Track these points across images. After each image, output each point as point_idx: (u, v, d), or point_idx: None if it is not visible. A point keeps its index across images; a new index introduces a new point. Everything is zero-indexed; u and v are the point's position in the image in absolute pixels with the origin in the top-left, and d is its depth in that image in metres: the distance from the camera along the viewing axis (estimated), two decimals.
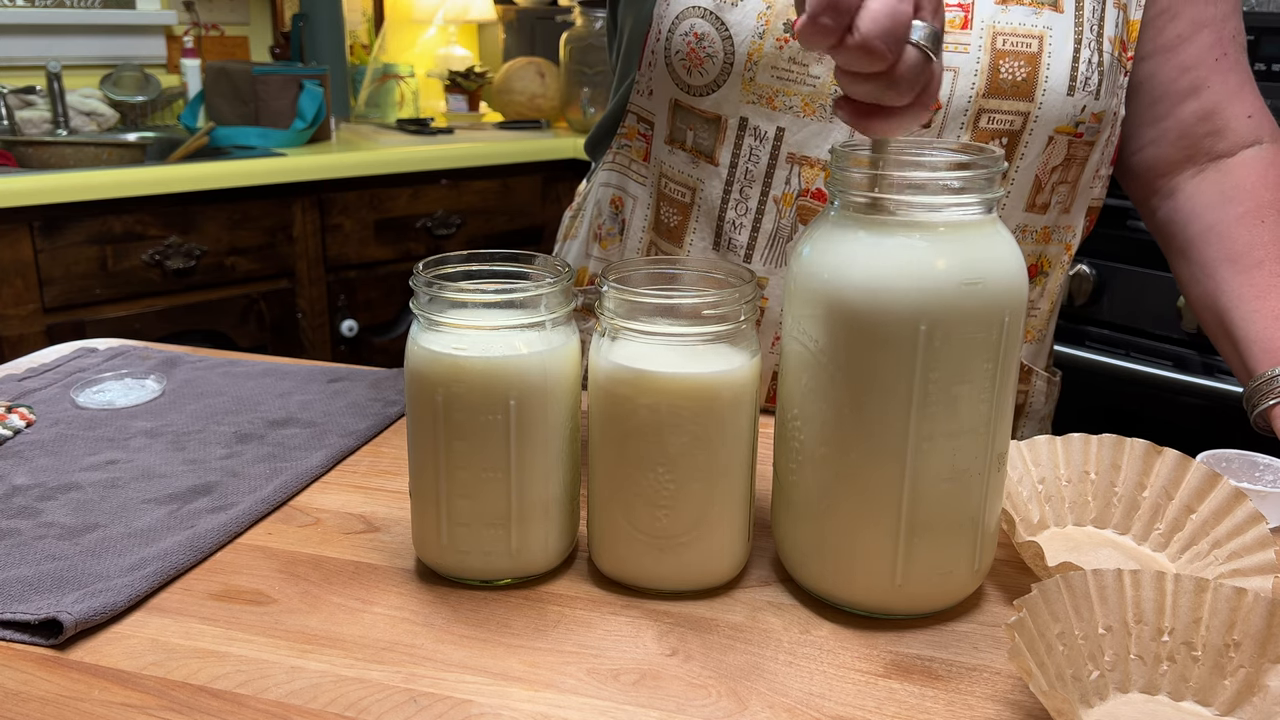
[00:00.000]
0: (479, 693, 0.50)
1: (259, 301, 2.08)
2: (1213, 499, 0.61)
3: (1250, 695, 0.49)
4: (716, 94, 0.82)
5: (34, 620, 0.53)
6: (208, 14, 2.56)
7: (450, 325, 0.56)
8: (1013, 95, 0.78)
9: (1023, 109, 0.79)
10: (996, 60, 0.77)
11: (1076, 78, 0.79)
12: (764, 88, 0.80)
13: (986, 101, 0.78)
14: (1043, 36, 0.78)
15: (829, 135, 0.80)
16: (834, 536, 0.55)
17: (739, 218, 0.84)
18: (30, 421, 0.79)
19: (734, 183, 0.84)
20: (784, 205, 0.82)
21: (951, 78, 0.78)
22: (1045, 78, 0.78)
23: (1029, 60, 0.78)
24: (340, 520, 0.67)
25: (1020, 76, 0.78)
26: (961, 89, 0.78)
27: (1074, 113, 0.80)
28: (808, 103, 0.79)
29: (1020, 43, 0.78)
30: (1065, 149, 0.81)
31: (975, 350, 0.51)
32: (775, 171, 0.81)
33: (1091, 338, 1.52)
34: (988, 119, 0.79)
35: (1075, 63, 0.79)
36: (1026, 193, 0.81)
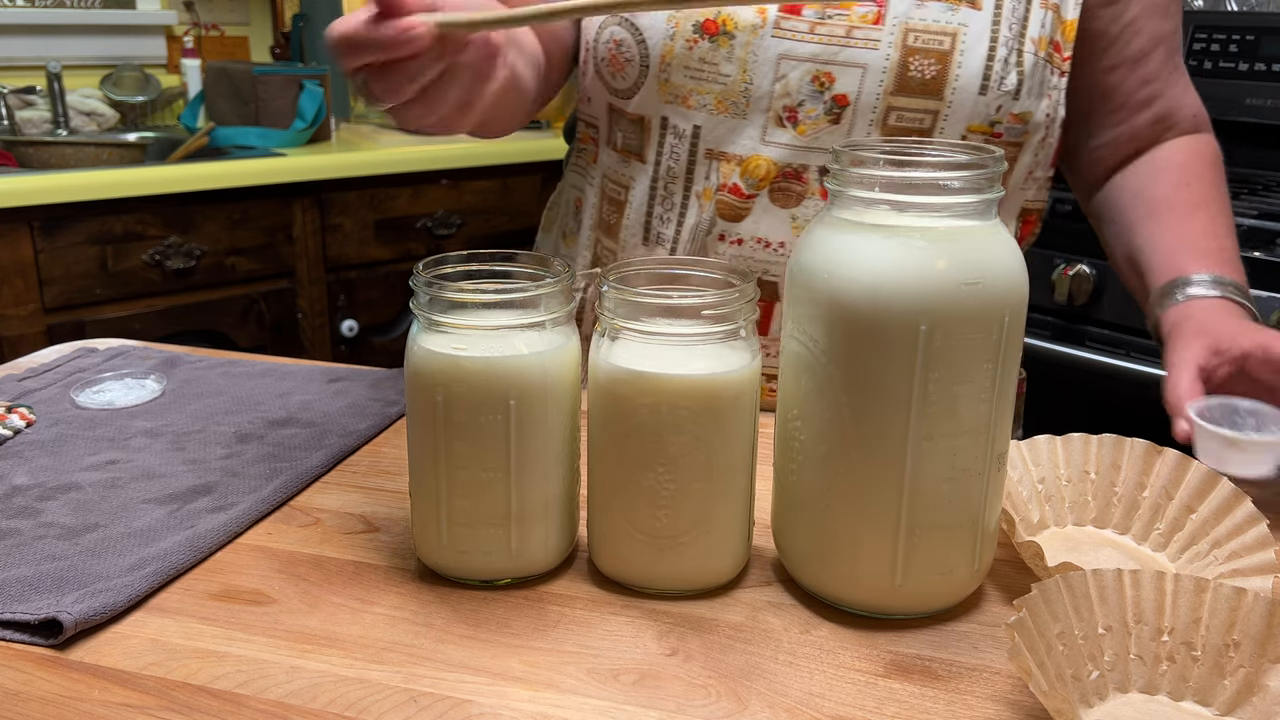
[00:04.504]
0: (479, 693, 0.50)
1: (259, 301, 2.08)
2: (1213, 499, 0.61)
3: (1250, 695, 0.49)
4: (638, 96, 0.85)
5: (34, 620, 0.53)
6: (208, 14, 2.55)
7: (450, 325, 0.56)
8: (921, 93, 0.79)
9: (932, 107, 0.79)
10: (906, 58, 0.78)
11: (990, 77, 0.79)
12: (679, 87, 0.82)
13: (895, 99, 0.79)
14: (956, 34, 0.78)
15: (743, 131, 0.81)
16: (834, 536, 0.55)
17: (665, 213, 0.87)
18: (30, 421, 0.79)
19: (658, 180, 0.86)
20: (704, 200, 0.84)
21: (860, 75, 0.78)
22: (956, 76, 0.78)
23: (939, 58, 0.78)
24: (340, 520, 0.67)
25: (929, 74, 0.78)
26: (870, 86, 0.79)
27: (988, 112, 0.80)
28: (720, 100, 0.81)
29: (932, 40, 0.78)
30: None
31: (975, 350, 0.51)
32: (695, 168, 0.84)
33: (1091, 338, 1.52)
34: (897, 117, 0.79)
35: (989, 62, 0.79)
36: None
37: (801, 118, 0.79)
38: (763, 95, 0.80)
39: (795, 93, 0.79)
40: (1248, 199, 1.61)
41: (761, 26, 0.79)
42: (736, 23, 0.79)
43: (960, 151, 0.56)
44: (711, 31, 0.79)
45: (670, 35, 0.81)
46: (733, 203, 0.82)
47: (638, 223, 0.88)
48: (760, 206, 0.82)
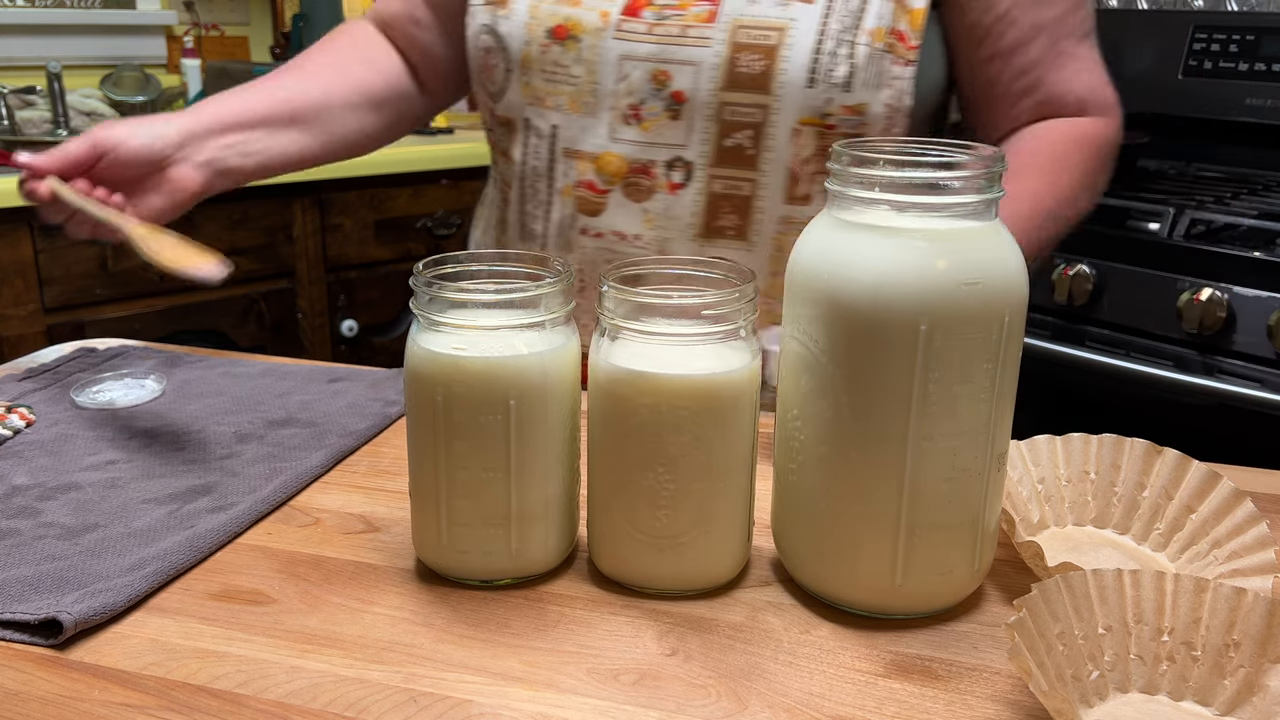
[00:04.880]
0: (479, 693, 0.50)
1: (259, 301, 2.08)
2: (1213, 499, 0.61)
3: (1250, 695, 0.49)
4: (505, 99, 0.90)
5: (34, 620, 0.53)
6: (208, 14, 2.55)
7: (450, 325, 0.56)
8: (750, 88, 0.81)
9: (762, 101, 0.81)
10: (735, 54, 0.80)
11: (818, 70, 0.80)
12: (537, 89, 0.87)
13: (726, 95, 0.81)
14: (784, 28, 0.80)
15: (594, 130, 0.86)
16: (834, 536, 0.55)
17: (534, 209, 0.91)
18: (30, 421, 0.79)
19: (526, 178, 0.91)
20: (565, 196, 0.88)
21: (694, 72, 0.81)
22: (782, 70, 0.80)
23: (766, 53, 0.80)
24: (340, 520, 0.67)
25: (756, 69, 0.80)
26: (703, 83, 0.81)
27: (818, 105, 0.81)
28: (572, 100, 0.85)
29: (759, 36, 0.80)
30: (815, 140, 0.82)
31: (975, 350, 0.51)
32: (555, 166, 0.88)
33: (1091, 338, 1.52)
34: (730, 112, 0.82)
35: (817, 55, 0.80)
36: (783, 185, 0.83)
37: (644, 115, 0.83)
38: (608, 94, 0.84)
39: (637, 91, 0.83)
40: (1248, 199, 1.61)
41: (604, 29, 0.83)
42: (583, 26, 0.84)
43: (960, 151, 0.56)
44: (561, 36, 0.84)
45: (526, 41, 0.86)
46: (590, 198, 0.87)
47: (516, 219, 0.93)
48: (615, 201, 0.86)
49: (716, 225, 0.85)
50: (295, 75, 0.96)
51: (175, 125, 0.86)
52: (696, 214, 0.85)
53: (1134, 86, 1.98)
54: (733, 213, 0.84)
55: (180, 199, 0.86)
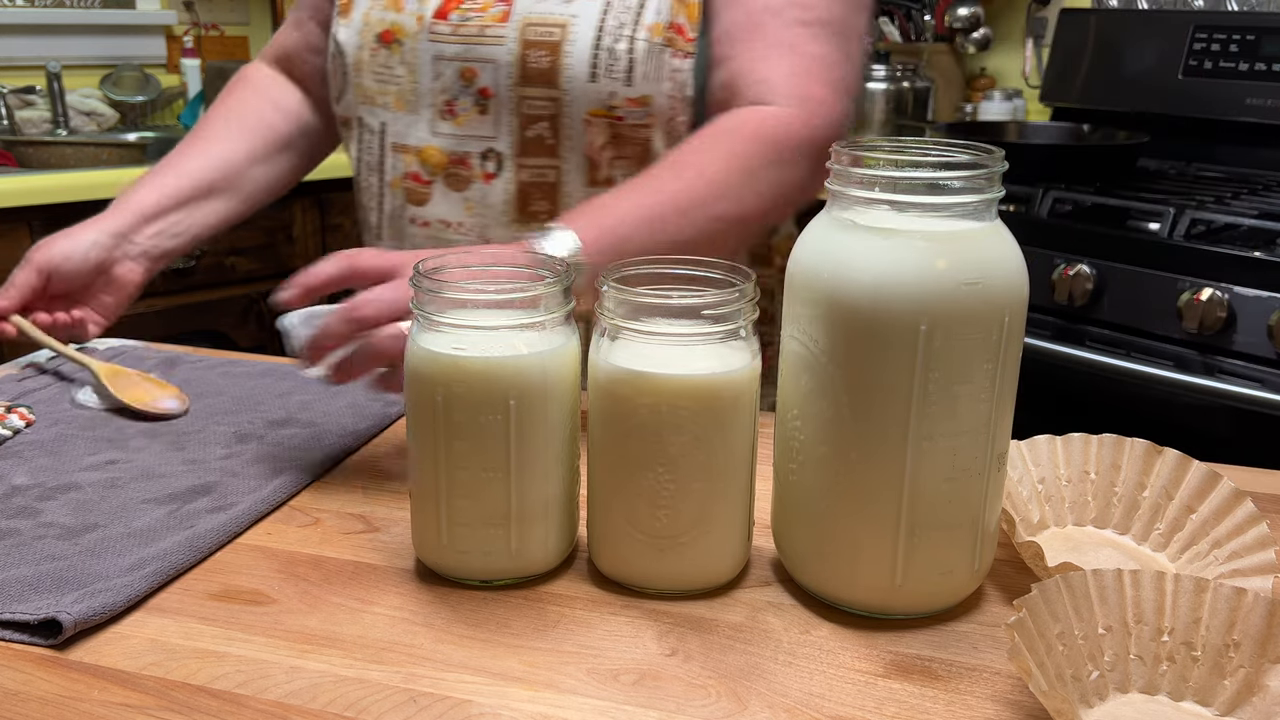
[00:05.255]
0: (479, 693, 0.50)
1: (259, 301, 2.08)
2: (1213, 499, 0.61)
3: (1250, 695, 0.49)
4: (343, 100, 0.96)
5: (33, 620, 0.53)
6: (208, 14, 2.55)
7: (450, 325, 0.56)
8: (541, 83, 0.85)
9: (553, 95, 0.86)
10: (525, 51, 0.85)
11: (598, 66, 0.83)
12: (368, 89, 0.93)
13: (522, 90, 0.86)
14: (566, 25, 0.84)
15: (417, 125, 0.91)
16: (834, 536, 0.55)
17: (369, 201, 0.97)
18: (30, 421, 0.79)
19: (362, 173, 0.97)
20: (394, 188, 0.94)
21: (494, 70, 0.86)
22: (566, 65, 0.84)
23: (551, 49, 0.84)
24: (340, 520, 0.67)
25: (544, 65, 0.85)
26: (502, 80, 0.86)
27: (602, 98, 0.85)
28: (397, 99, 0.91)
29: (545, 33, 0.85)
30: (607, 130, 0.86)
31: (975, 350, 0.51)
32: (385, 160, 0.94)
33: (1091, 338, 1.52)
34: (528, 105, 0.87)
35: (597, 50, 0.83)
36: (584, 171, 0.88)
37: (458, 110, 0.89)
38: (426, 92, 0.90)
39: (450, 89, 0.89)
40: (1248, 199, 1.61)
41: (420, 33, 0.89)
42: (404, 30, 0.90)
43: (960, 151, 0.56)
44: (387, 40, 0.91)
45: (359, 45, 0.92)
46: (416, 189, 0.93)
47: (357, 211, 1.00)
48: (438, 191, 0.92)
49: (530, 211, 0.90)
50: (203, 146, 1.02)
51: (105, 230, 0.93)
52: (509, 201, 0.90)
53: (1134, 86, 1.98)
54: (543, 199, 0.89)
55: (128, 291, 0.95)
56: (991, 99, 2.33)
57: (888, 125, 2.27)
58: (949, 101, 2.41)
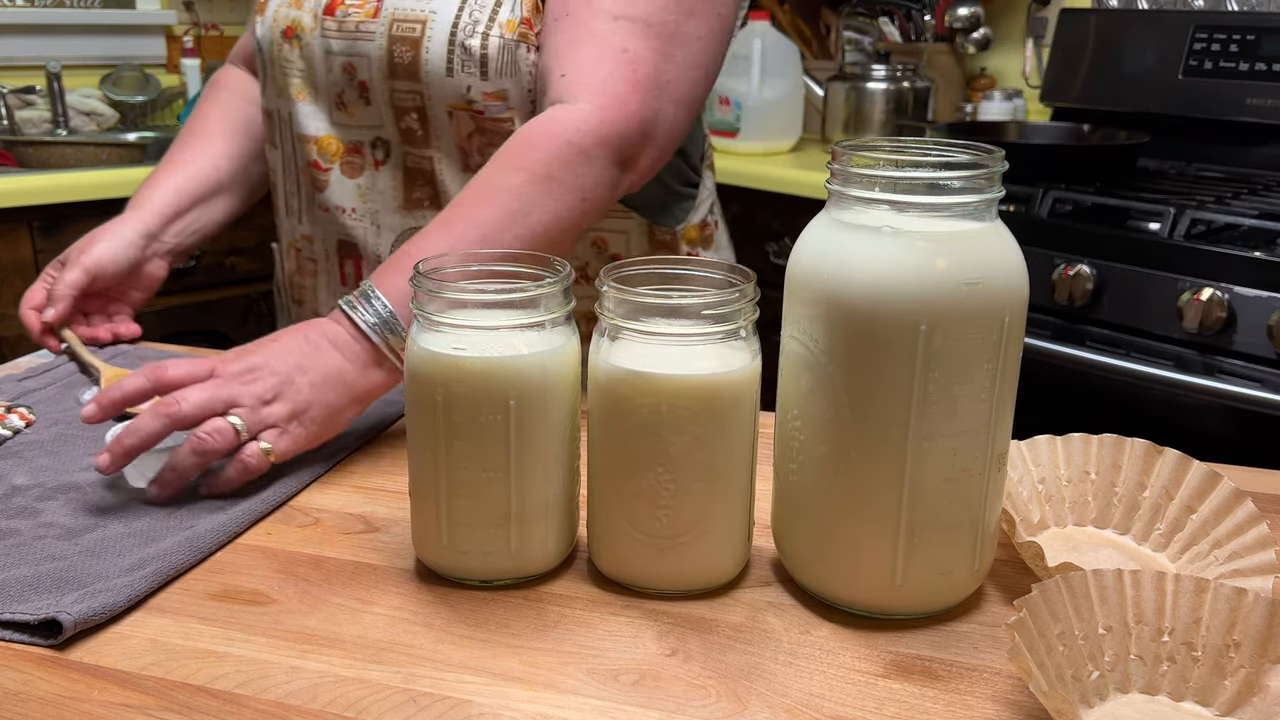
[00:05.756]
0: (479, 693, 0.50)
1: (259, 301, 2.08)
2: (1213, 499, 0.61)
3: (1250, 695, 0.49)
4: (266, 93, 1.00)
5: (34, 620, 0.53)
6: (208, 14, 2.55)
7: (450, 325, 0.56)
8: (406, 77, 0.88)
9: (417, 88, 0.88)
10: (391, 46, 0.88)
11: (453, 61, 0.85)
12: (279, 82, 0.96)
13: (392, 83, 0.89)
14: (425, 21, 0.87)
15: (316, 116, 0.95)
16: (834, 537, 0.55)
17: (290, 187, 1.01)
18: (30, 421, 0.79)
19: (283, 162, 1.00)
20: (304, 175, 0.98)
21: (368, 64, 0.89)
22: (425, 60, 0.86)
23: (412, 45, 0.87)
24: (340, 520, 0.67)
25: (407, 59, 0.87)
26: (375, 74, 0.89)
27: (460, 92, 0.87)
28: (299, 91, 0.95)
29: (407, 28, 0.87)
30: (470, 122, 0.88)
31: (975, 350, 0.51)
32: (297, 148, 0.97)
33: (1091, 338, 1.52)
34: (398, 98, 0.89)
35: (451, 48, 0.85)
36: (458, 159, 0.90)
37: (347, 102, 0.92)
38: (322, 85, 0.94)
39: (339, 82, 0.92)
40: (1248, 199, 1.61)
41: (314, 29, 0.92)
42: (302, 26, 0.93)
43: (960, 151, 0.56)
44: (289, 35, 0.94)
45: (270, 41, 0.96)
46: (318, 176, 0.96)
47: (282, 199, 1.02)
48: (335, 178, 0.95)
49: (414, 197, 0.93)
50: (204, 145, 1.06)
51: (138, 230, 0.98)
52: (397, 187, 0.94)
53: (1134, 86, 1.98)
54: (425, 185, 0.92)
55: (153, 286, 1.03)
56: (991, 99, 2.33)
57: (888, 125, 2.27)
58: (949, 101, 2.41)
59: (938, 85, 2.35)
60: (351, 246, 0.96)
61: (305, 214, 0.99)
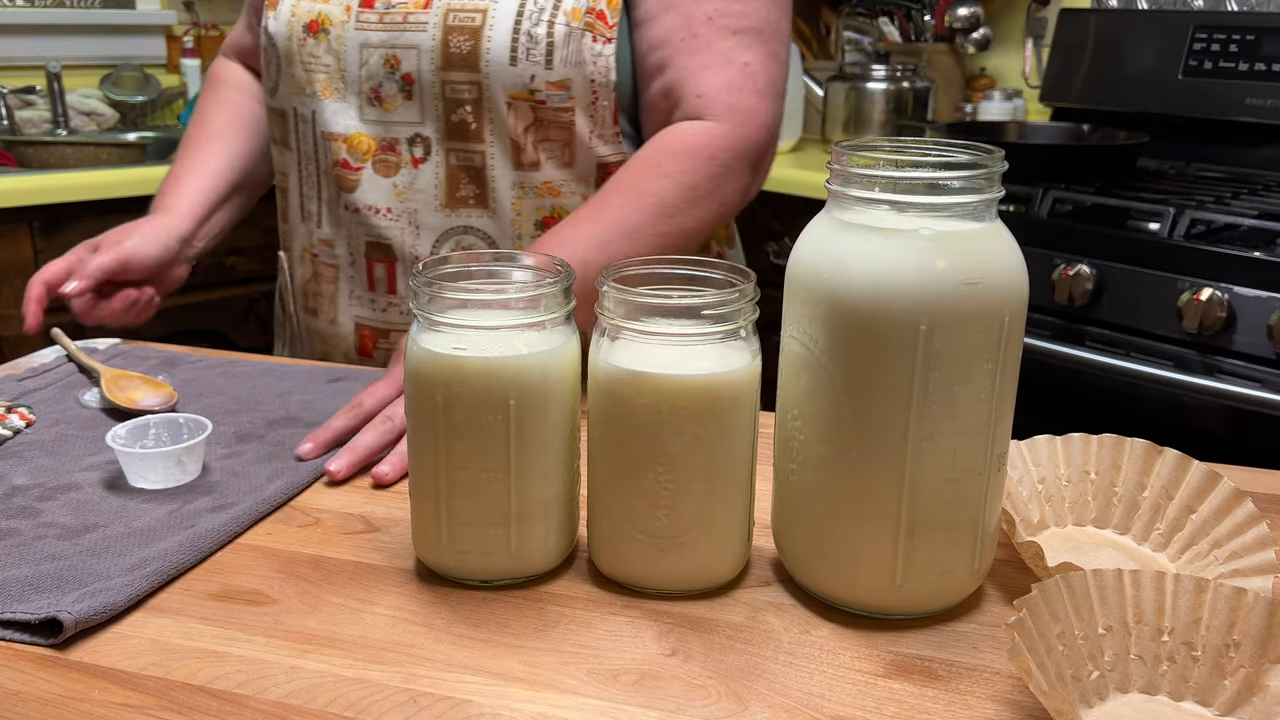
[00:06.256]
0: (479, 693, 0.50)
1: (259, 301, 2.08)
2: (1213, 499, 0.61)
3: (1250, 695, 0.49)
4: (278, 92, 0.98)
5: (34, 620, 0.53)
6: (208, 14, 2.55)
7: (450, 325, 0.56)
8: (463, 67, 0.87)
9: (474, 79, 0.88)
10: (447, 36, 0.87)
11: (518, 49, 0.86)
12: (299, 80, 0.94)
13: (445, 74, 0.88)
14: (486, 10, 0.87)
15: (345, 113, 0.93)
16: (834, 537, 0.55)
17: (309, 190, 0.99)
18: (30, 421, 0.79)
19: (300, 163, 0.99)
20: (327, 176, 0.96)
21: (416, 55, 0.88)
22: (486, 50, 0.86)
23: (472, 34, 0.87)
24: (340, 520, 0.67)
25: (465, 50, 0.87)
26: (425, 65, 0.88)
27: (523, 81, 0.87)
28: (326, 87, 0.93)
29: (466, 18, 0.87)
30: (529, 114, 0.88)
31: (975, 350, 0.51)
32: (319, 148, 0.95)
33: (1091, 338, 1.52)
34: (451, 90, 0.89)
35: (516, 35, 0.86)
36: (509, 154, 0.90)
37: (384, 97, 0.91)
38: (354, 80, 0.92)
39: (375, 76, 0.91)
40: (1248, 199, 1.61)
41: (347, 21, 0.91)
42: (331, 19, 0.92)
43: (960, 151, 0.56)
44: (314, 30, 0.92)
45: (288, 36, 0.94)
46: (346, 176, 0.94)
47: (296, 204, 1.01)
48: (367, 178, 0.93)
49: (459, 195, 0.92)
50: (219, 143, 1.06)
51: (174, 234, 0.99)
52: (439, 186, 0.92)
53: (1134, 86, 1.98)
54: (471, 183, 0.91)
55: (173, 287, 1.03)
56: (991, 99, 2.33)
57: (888, 125, 2.27)
58: (949, 101, 2.41)
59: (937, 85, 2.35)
60: (384, 248, 0.95)
61: (326, 216, 0.97)
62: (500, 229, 0.92)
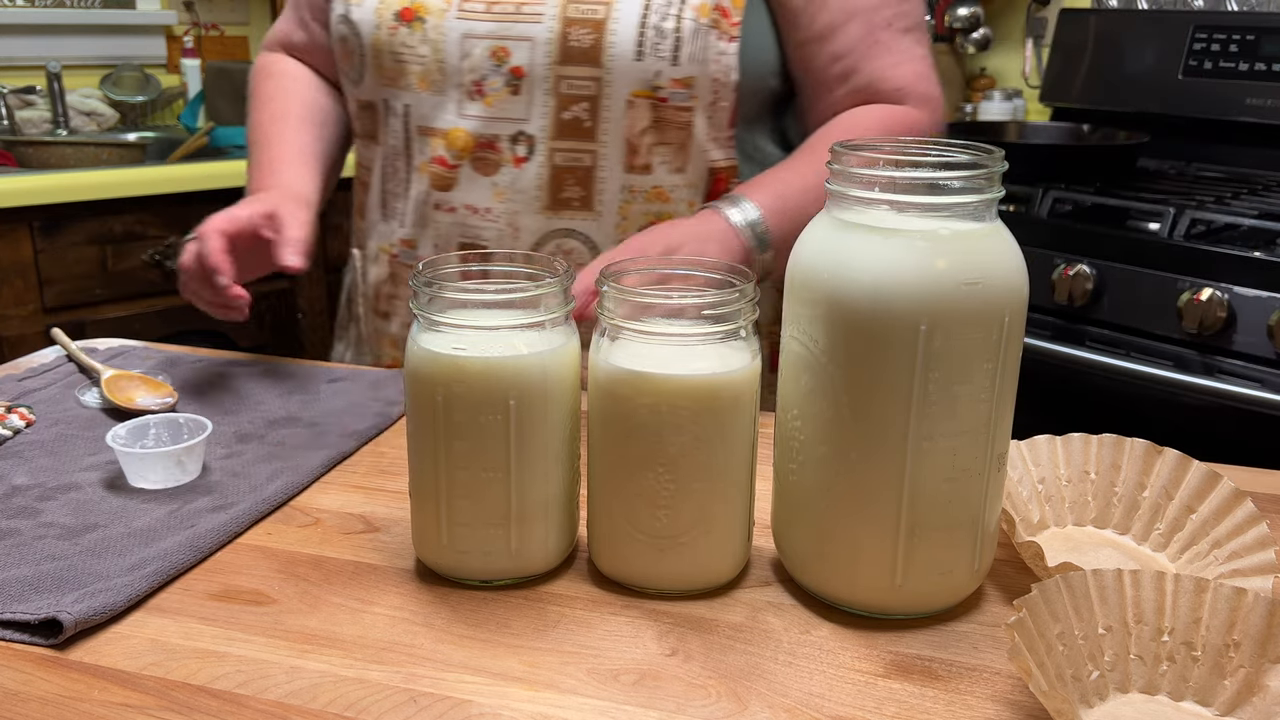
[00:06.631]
0: (479, 693, 0.50)
1: (259, 301, 2.06)
2: (1213, 499, 0.61)
3: (1250, 695, 0.49)
4: (364, 83, 0.93)
5: (34, 620, 0.53)
6: (208, 14, 2.55)
7: (450, 325, 0.56)
8: (583, 61, 0.84)
9: (594, 74, 0.84)
10: (566, 28, 0.84)
11: (644, 43, 0.83)
12: (389, 71, 0.90)
13: (561, 69, 0.84)
14: (610, 3, 0.84)
15: (443, 107, 0.88)
16: (834, 537, 0.55)
17: (395, 188, 0.94)
18: (30, 421, 0.79)
19: (387, 158, 0.94)
20: (421, 173, 0.91)
21: (530, 48, 0.84)
22: (611, 44, 0.83)
23: (595, 27, 0.83)
24: (340, 520, 0.67)
25: (587, 43, 0.83)
26: (539, 58, 0.84)
27: (648, 77, 0.84)
28: (421, 79, 0.88)
29: (588, 10, 0.84)
30: (650, 113, 0.85)
31: (975, 350, 0.51)
32: (411, 144, 0.91)
33: (1091, 338, 1.52)
34: (567, 85, 0.85)
35: (643, 29, 0.83)
36: (622, 155, 0.87)
37: (487, 91, 0.87)
38: (454, 72, 0.87)
39: (479, 68, 0.86)
40: (1248, 199, 1.61)
41: (447, 10, 0.87)
42: (427, 8, 0.87)
43: (960, 151, 0.56)
44: (407, 18, 0.88)
45: (377, 25, 0.89)
46: (442, 174, 0.89)
47: (377, 200, 0.97)
48: (465, 176, 0.89)
49: (562, 197, 0.88)
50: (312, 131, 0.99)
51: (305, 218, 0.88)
52: (542, 186, 0.88)
53: (1134, 86, 1.98)
54: (576, 184, 0.87)
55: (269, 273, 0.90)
56: (991, 99, 2.33)
57: None
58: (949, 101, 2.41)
59: None
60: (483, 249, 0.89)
61: (412, 215, 0.93)
62: (604, 233, 0.89)
